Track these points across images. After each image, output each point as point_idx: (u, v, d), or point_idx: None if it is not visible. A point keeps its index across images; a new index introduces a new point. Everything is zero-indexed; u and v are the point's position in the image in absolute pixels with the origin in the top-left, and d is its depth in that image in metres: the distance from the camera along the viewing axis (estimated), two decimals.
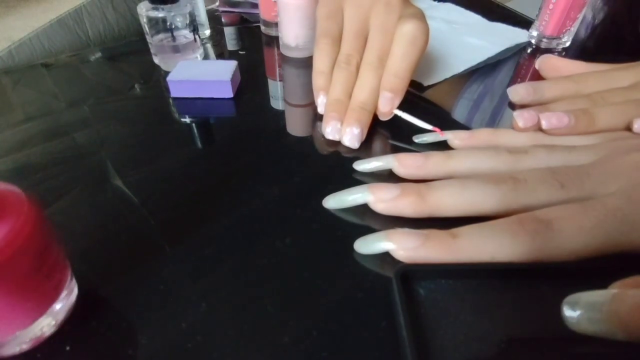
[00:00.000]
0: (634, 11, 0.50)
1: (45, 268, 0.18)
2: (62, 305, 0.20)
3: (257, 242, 0.25)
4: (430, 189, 0.25)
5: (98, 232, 0.25)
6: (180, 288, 0.22)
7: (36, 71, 0.44)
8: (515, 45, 0.49)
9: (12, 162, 0.31)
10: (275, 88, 0.42)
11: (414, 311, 0.20)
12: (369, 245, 0.23)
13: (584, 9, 0.45)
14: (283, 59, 0.47)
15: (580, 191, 0.23)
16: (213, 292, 0.22)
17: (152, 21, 0.40)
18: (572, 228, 0.21)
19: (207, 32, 0.51)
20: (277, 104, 0.39)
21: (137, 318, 0.21)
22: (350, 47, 0.35)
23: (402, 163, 0.28)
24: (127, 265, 0.23)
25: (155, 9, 0.40)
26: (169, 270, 0.23)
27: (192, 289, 0.22)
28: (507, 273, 0.21)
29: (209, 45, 0.50)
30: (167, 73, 0.39)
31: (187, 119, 0.37)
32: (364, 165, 0.29)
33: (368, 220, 0.26)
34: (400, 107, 0.33)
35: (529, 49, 0.49)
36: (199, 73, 0.38)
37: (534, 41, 0.49)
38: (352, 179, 0.29)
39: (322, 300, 0.22)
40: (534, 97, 0.35)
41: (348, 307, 0.21)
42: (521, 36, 0.51)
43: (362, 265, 0.23)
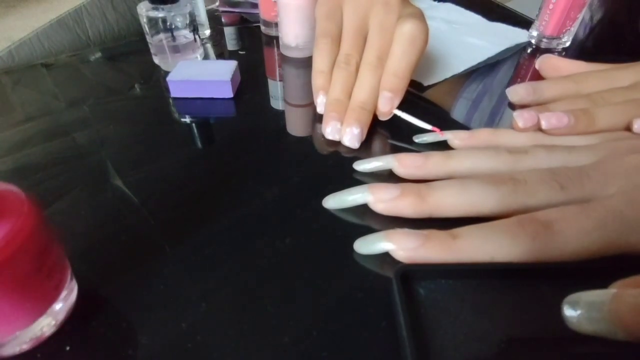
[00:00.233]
0: (633, 11, 0.50)
1: (45, 268, 0.18)
2: (62, 305, 0.20)
3: (257, 242, 0.25)
4: (430, 189, 0.25)
5: (98, 232, 0.25)
6: (180, 288, 0.22)
7: (36, 71, 0.44)
8: (515, 45, 0.49)
9: (12, 162, 0.31)
10: (275, 88, 0.42)
11: (414, 311, 0.20)
12: (368, 245, 0.23)
13: (583, 9, 0.45)
14: (283, 59, 0.47)
15: (580, 192, 0.23)
16: (213, 292, 0.22)
17: (152, 21, 0.40)
18: (572, 230, 0.21)
19: (207, 32, 0.51)
20: (277, 104, 0.39)
21: (137, 318, 0.21)
22: (349, 46, 0.35)
23: (402, 163, 0.28)
24: (127, 265, 0.23)
25: (155, 9, 0.40)
26: (169, 270, 0.23)
27: (192, 289, 0.22)
28: (507, 273, 0.21)
29: (209, 45, 0.50)
30: (167, 73, 0.39)
31: (187, 119, 0.37)
32: (363, 165, 0.29)
33: (368, 220, 0.26)
34: (400, 107, 0.33)
35: (529, 49, 0.49)
36: (199, 73, 0.38)
37: (533, 41, 0.49)
38: (352, 179, 0.29)
39: (322, 300, 0.22)
40: (533, 97, 0.35)
41: (348, 307, 0.21)
42: (521, 36, 0.51)
43: (362, 265, 0.23)
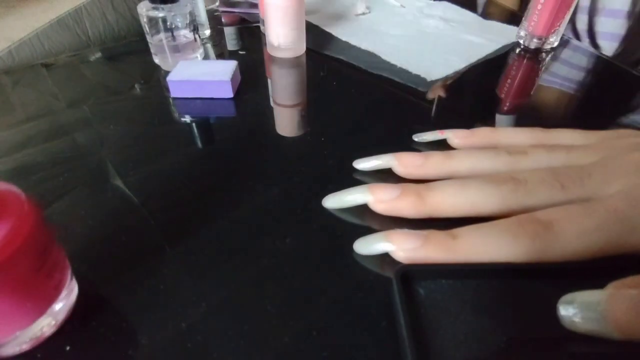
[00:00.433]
0: None
1: (45, 268, 0.18)
2: (62, 305, 0.20)
3: (257, 242, 0.25)
4: (430, 189, 0.25)
5: (98, 232, 0.25)
6: (180, 288, 0.22)
7: (36, 71, 0.44)
8: (512, 43, 0.50)
9: (12, 162, 0.31)
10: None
11: (414, 311, 0.20)
12: (368, 245, 0.23)
13: (571, 9, 0.45)
14: (271, 58, 0.47)
15: (580, 192, 0.23)
16: (213, 292, 0.22)
17: (152, 21, 0.40)
18: (572, 229, 0.21)
19: (207, 32, 0.51)
20: None
21: (137, 318, 0.21)
22: None
23: (401, 162, 0.28)
24: (127, 265, 0.23)
25: (155, 8, 0.40)
26: (169, 270, 0.23)
27: (192, 289, 0.22)
28: (507, 273, 0.21)
29: (209, 45, 0.50)
30: (167, 73, 0.39)
31: (187, 119, 0.37)
32: (363, 163, 0.29)
33: (367, 220, 0.26)
34: (401, 107, 0.33)
35: (517, 49, 0.49)
36: (199, 73, 0.38)
37: (522, 41, 0.49)
38: (351, 179, 0.29)
39: (322, 300, 0.22)
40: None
41: (348, 307, 0.21)
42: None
43: (362, 265, 0.23)
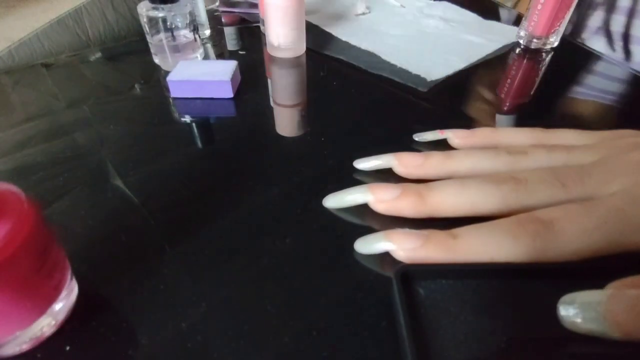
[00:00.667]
0: None
1: (45, 268, 0.18)
2: (62, 305, 0.20)
3: (257, 242, 0.25)
4: (431, 189, 0.25)
5: (98, 232, 0.25)
6: (180, 288, 0.22)
7: (36, 71, 0.44)
8: (512, 43, 0.50)
9: (12, 162, 0.31)
10: None
11: (414, 311, 0.20)
12: (369, 245, 0.23)
13: (571, 9, 0.45)
14: (270, 58, 0.47)
15: (581, 191, 0.23)
16: (213, 292, 0.22)
17: (152, 21, 0.40)
18: (573, 228, 0.21)
19: (207, 32, 0.51)
20: None
21: (137, 318, 0.21)
22: None
23: (401, 162, 0.28)
24: (127, 265, 0.23)
25: (155, 8, 0.40)
26: (169, 270, 0.23)
27: (192, 289, 0.22)
28: (507, 273, 0.21)
29: (209, 45, 0.50)
30: (167, 73, 0.39)
31: (187, 119, 0.37)
32: (364, 163, 0.29)
33: (368, 220, 0.26)
34: (402, 106, 0.33)
35: (517, 49, 0.49)
36: (199, 73, 0.38)
37: (522, 42, 0.49)
38: (351, 179, 0.29)
39: (322, 300, 0.22)
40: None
41: (348, 307, 0.21)
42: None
43: (362, 265, 0.23)
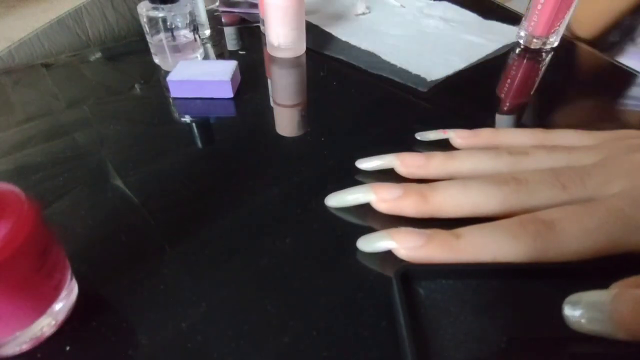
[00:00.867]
0: None
1: (45, 268, 0.18)
2: (62, 305, 0.20)
3: (257, 242, 0.25)
4: (433, 189, 0.25)
5: (98, 232, 0.25)
6: (180, 288, 0.22)
7: (36, 71, 0.44)
8: (512, 43, 0.50)
9: (12, 162, 0.31)
10: None
11: (414, 311, 0.20)
12: (371, 243, 0.23)
13: (570, 10, 0.45)
14: (270, 58, 0.47)
15: (582, 192, 0.23)
16: (213, 292, 0.22)
17: (152, 21, 0.40)
18: (574, 229, 0.21)
19: (207, 32, 0.51)
20: None
21: (137, 318, 0.21)
22: None
23: (403, 162, 0.28)
24: (127, 265, 0.23)
25: (155, 8, 0.40)
26: (169, 270, 0.23)
27: (192, 289, 0.22)
28: (507, 273, 0.21)
29: (209, 45, 0.50)
30: (167, 73, 0.39)
31: (187, 119, 0.37)
32: (366, 163, 0.29)
33: (368, 220, 0.26)
34: (402, 106, 0.33)
35: (517, 49, 0.49)
36: (199, 73, 0.38)
37: (522, 41, 0.49)
38: (351, 178, 0.29)
39: (322, 300, 0.21)
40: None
41: (348, 307, 0.21)
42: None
43: (363, 265, 0.23)
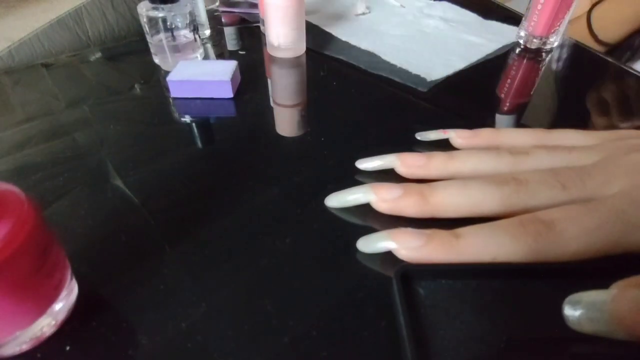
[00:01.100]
0: None
1: (45, 268, 0.18)
2: (62, 305, 0.20)
3: (257, 242, 0.25)
4: (433, 189, 0.25)
5: (98, 232, 0.25)
6: (180, 288, 0.22)
7: (36, 71, 0.44)
8: (512, 43, 0.50)
9: (12, 162, 0.31)
10: None
11: (414, 311, 0.20)
12: (371, 244, 0.23)
13: (571, 10, 0.45)
14: (270, 58, 0.47)
15: (582, 192, 0.23)
16: (213, 292, 0.22)
17: (152, 21, 0.40)
18: (574, 229, 0.21)
19: (207, 32, 0.51)
20: None
21: (137, 318, 0.21)
22: None
23: (404, 162, 0.28)
24: (127, 265, 0.23)
25: (155, 8, 0.40)
26: (169, 270, 0.23)
27: (192, 289, 0.22)
28: (507, 273, 0.21)
29: (209, 45, 0.50)
30: (167, 73, 0.39)
31: (187, 119, 0.37)
32: (366, 163, 0.29)
33: (368, 220, 0.26)
34: (403, 106, 0.33)
35: (517, 49, 0.49)
36: (199, 73, 0.38)
37: (522, 41, 0.49)
38: (351, 179, 0.29)
39: (322, 300, 0.21)
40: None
41: (348, 307, 0.21)
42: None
43: (363, 265, 0.23)
